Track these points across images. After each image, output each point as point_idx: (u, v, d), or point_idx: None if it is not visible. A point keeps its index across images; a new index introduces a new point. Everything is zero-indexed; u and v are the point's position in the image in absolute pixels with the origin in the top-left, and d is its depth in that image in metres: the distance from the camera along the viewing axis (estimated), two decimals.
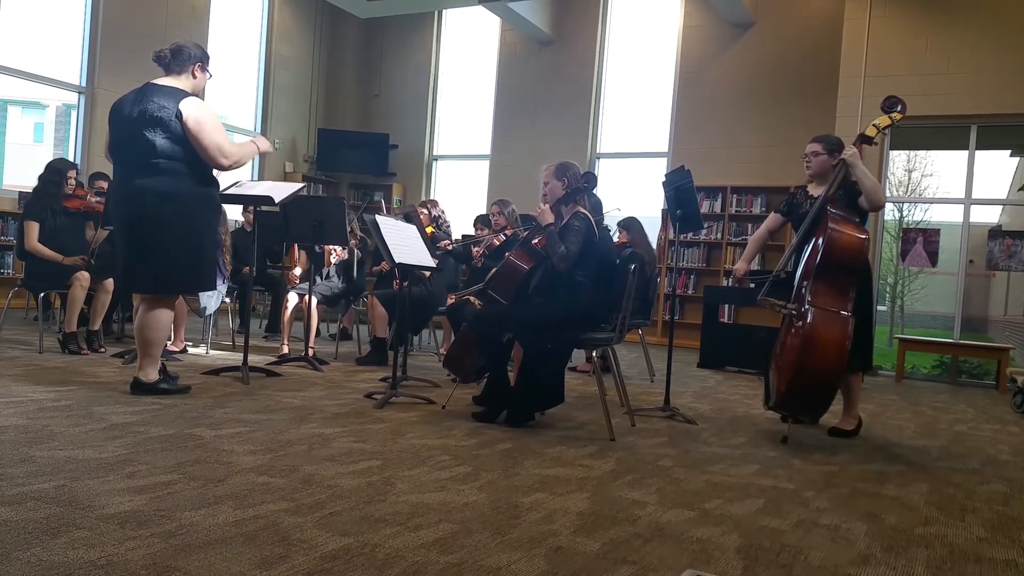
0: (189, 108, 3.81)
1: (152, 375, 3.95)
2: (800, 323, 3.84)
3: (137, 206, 3.85)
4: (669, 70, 10.64)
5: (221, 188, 4.36)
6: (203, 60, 4.03)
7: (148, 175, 3.81)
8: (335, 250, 6.34)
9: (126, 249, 3.96)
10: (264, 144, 4.30)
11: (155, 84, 3.91)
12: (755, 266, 4.67)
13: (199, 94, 4.00)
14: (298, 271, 6.53)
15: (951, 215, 9.00)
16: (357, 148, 11.89)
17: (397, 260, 4.31)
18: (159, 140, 3.78)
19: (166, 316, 4.00)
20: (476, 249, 6.26)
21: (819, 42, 9.49)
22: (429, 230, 6.54)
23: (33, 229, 5.32)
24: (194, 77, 3.99)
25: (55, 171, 5.49)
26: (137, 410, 3.53)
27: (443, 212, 7.12)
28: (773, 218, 4.52)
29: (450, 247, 6.33)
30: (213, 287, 4.41)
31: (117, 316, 6.39)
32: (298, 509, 2.28)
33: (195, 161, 3.86)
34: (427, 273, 5.54)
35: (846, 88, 8.55)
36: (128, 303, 6.31)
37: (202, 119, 3.81)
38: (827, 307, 3.81)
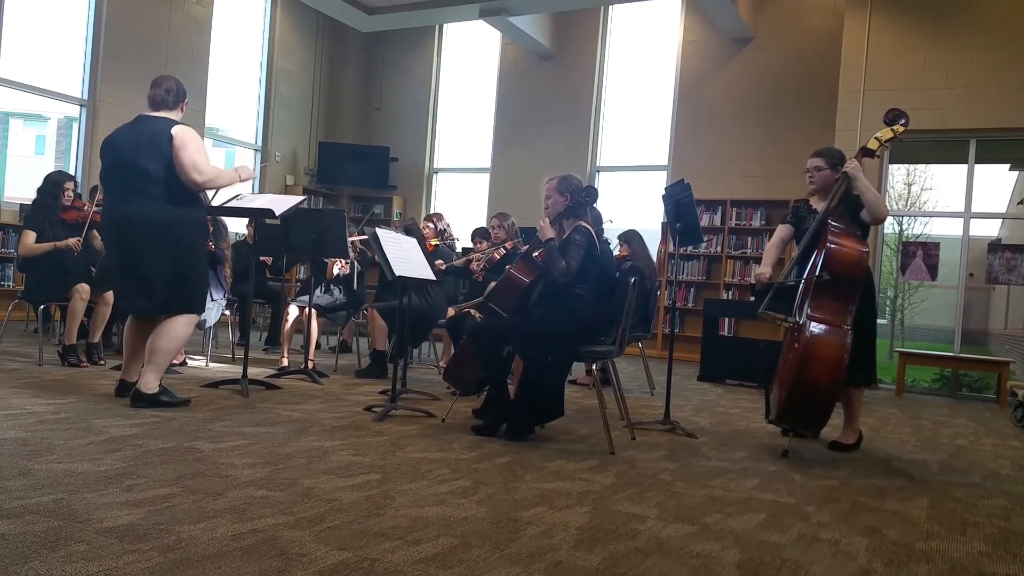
0: (178, 129, 3.99)
1: (153, 385, 3.94)
2: (799, 336, 3.84)
3: (126, 231, 3.97)
4: (669, 84, 10.69)
5: (222, 201, 4.47)
6: (186, 95, 4.26)
7: (136, 200, 3.93)
8: (339, 262, 6.33)
9: (120, 272, 4.10)
10: (246, 173, 4.38)
11: (149, 116, 4.10)
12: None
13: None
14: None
15: (951, 229, 9.02)
16: (358, 161, 11.93)
17: (397, 273, 4.31)
18: (151, 165, 3.92)
19: (184, 331, 4.08)
20: (475, 262, 6.26)
21: (818, 56, 9.54)
22: (434, 242, 6.54)
23: (29, 236, 5.32)
24: (182, 111, 4.23)
25: (52, 183, 5.51)
26: (136, 423, 3.52)
27: (449, 226, 7.12)
28: (783, 228, 4.46)
29: (444, 268, 6.29)
30: (203, 309, 4.41)
31: (117, 328, 6.37)
32: (297, 523, 2.27)
33: (179, 183, 3.97)
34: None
35: (845, 102, 8.59)
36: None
37: (187, 139, 3.98)
38: (826, 320, 3.81)
